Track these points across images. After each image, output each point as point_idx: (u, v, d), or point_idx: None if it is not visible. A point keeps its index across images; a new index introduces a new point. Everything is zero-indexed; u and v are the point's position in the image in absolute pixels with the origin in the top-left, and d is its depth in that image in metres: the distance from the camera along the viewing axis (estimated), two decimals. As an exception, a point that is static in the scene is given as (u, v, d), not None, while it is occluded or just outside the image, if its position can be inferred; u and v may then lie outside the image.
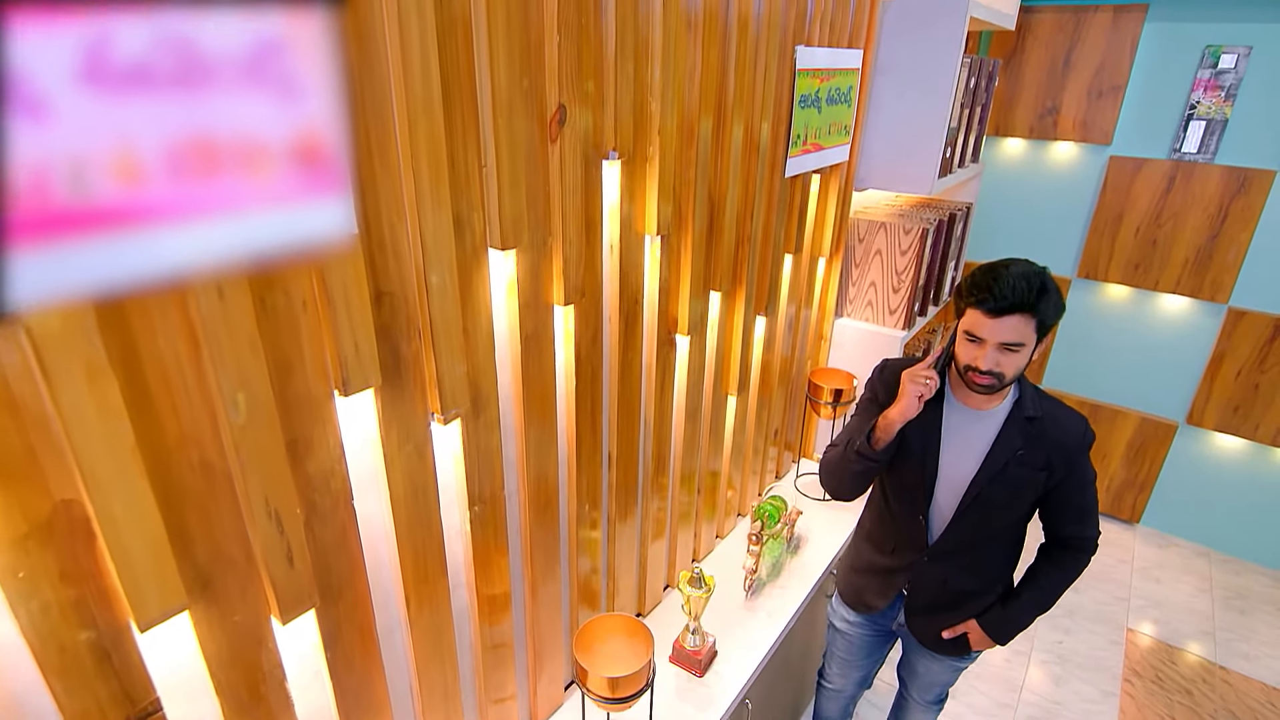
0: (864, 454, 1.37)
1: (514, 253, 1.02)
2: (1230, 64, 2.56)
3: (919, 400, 1.29)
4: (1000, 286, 1.16)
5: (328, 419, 0.84)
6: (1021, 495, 1.34)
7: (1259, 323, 2.76)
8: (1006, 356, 1.20)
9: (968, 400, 1.35)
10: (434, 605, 1.08)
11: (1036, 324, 1.17)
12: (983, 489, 1.33)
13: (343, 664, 0.96)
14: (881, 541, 1.55)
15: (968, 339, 1.23)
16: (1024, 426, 1.31)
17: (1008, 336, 1.17)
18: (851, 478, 1.43)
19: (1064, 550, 1.42)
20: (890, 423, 1.33)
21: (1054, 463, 1.30)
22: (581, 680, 1.27)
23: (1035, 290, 1.15)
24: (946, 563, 1.44)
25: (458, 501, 1.10)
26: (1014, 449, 1.31)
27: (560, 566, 1.38)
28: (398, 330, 0.89)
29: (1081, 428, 1.32)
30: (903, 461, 1.41)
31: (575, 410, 1.27)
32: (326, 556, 0.89)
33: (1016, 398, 1.33)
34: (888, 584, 1.55)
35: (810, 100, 1.64)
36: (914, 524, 1.44)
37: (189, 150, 0.64)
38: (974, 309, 1.20)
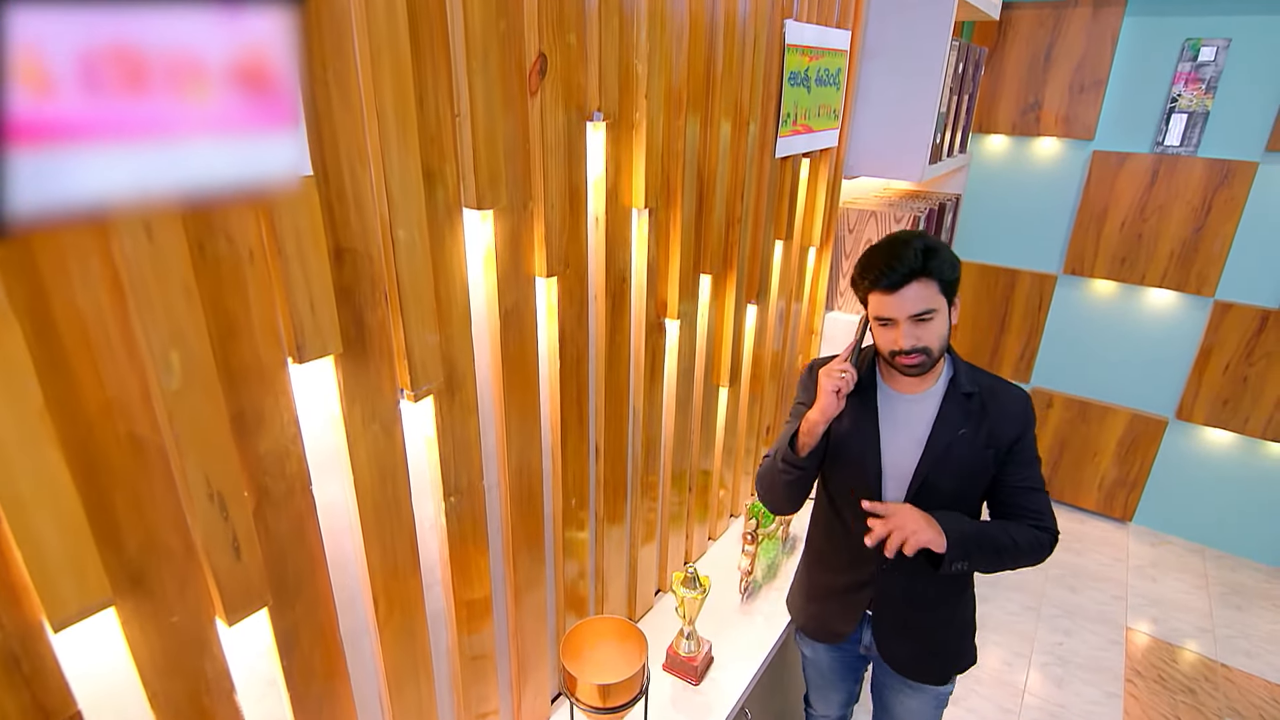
0: (790, 462, 1.27)
1: (491, 215, 0.94)
2: (1210, 56, 2.57)
3: (837, 395, 1.21)
4: (887, 259, 1.13)
5: (280, 390, 0.74)
6: (972, 479, 1.25)
7: (1245, 315, 2.75)
8: (923, 328, 1.14)
9: (899, 385, 1.27)
10: (406, 607, 0.98)
11: (939, 286, 1.13)
12: (929, 474, 1.24)
13: (301, 673, 0.86)
14: (834, 558, 1.42)
15: (880, 324, 1.18)
16: (963, 403, 1.24)
17: (915, 307, 1.13)
18: (784, 488, 1.32)
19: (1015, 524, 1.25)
20: (813, 425, 1.24)
21: (999, 437, 1.23)
22: (570, 689, 1.17)
23: (922, 252, 1.11)
24: (907, 568, 1.30)
25: (431, 491, 1.00)
26: (956, 428, 1.23)
27: (545, 567, 1.28)
28: (361, 293, 0.80)
29: (1024, 401, 1.25)
30: (844, 463, 1.31)
31: (560, 395, 1.18)
32: (281, 549, 0.79)
33: (951, 375, 1.26)
34: (850, 604, 1.41)
35: (800, 79, 1.59)
36: (865, 529, 1.27)
37: (109, 61, 0.55)
38: (873, 292, 1.16)
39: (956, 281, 1.16)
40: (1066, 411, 3.24)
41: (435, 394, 0.93)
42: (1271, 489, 2.90)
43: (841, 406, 1.23)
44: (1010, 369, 3.35)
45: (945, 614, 1.37)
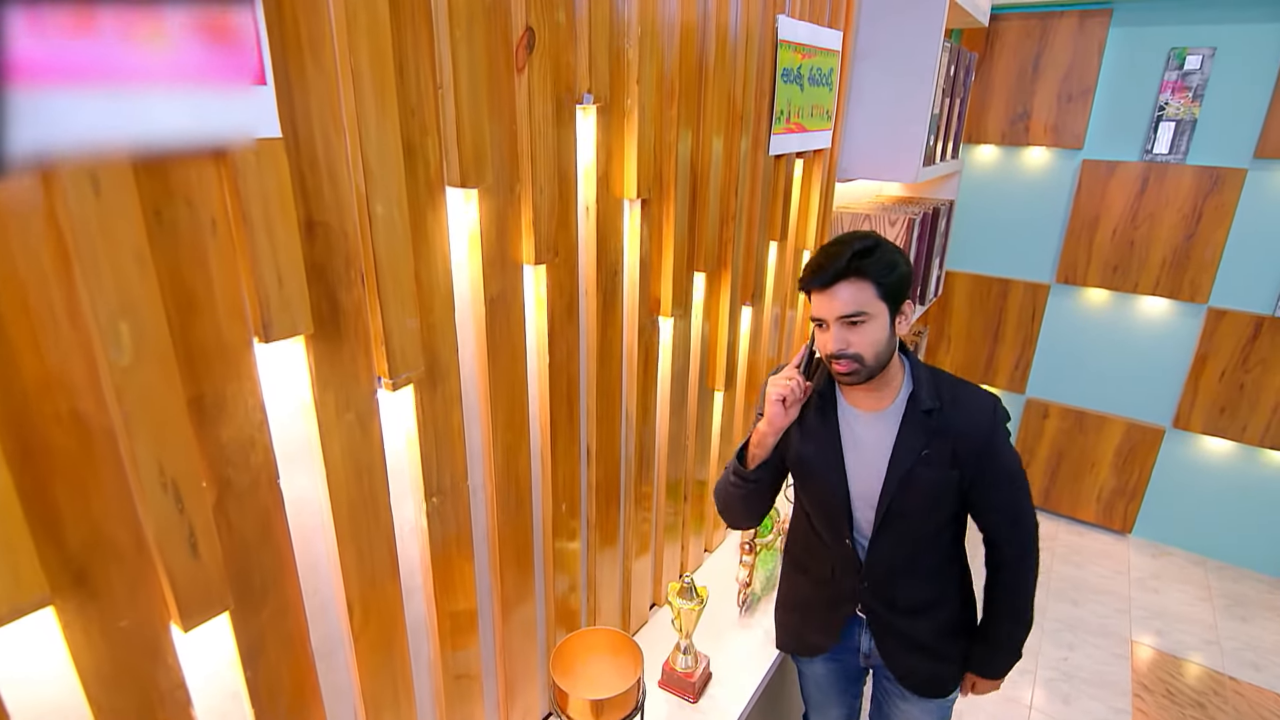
0: (740, 475, 1.22)
1: (476, 196, 0.89)
2: (1196, 65, 2.59)
3: (783, 405, 1.15)
4: (820, 258, 1.08)
5: (245, 373, 0.68)
6: (939, 501, 1.18)
7: (1239, 322, 2.74)
8: (854, 332, 1.07)
9: (859, 403, 1.21)
10: (384, 616, 0.91)
11: (875, 289, 1.06)
12: (894, 499, 1.18)
13: (267, 686, 0.79)
14: (818, 569, 1.35)
15: (818, 326, 1.13)
16: (923, 422, 1.16)
17: (844, 307, 1.06)
18: (739, 502, 1.27)
19: (1002, 560, 1.25)
20: (761, 436, 1.18)
21: (963, 457, 1.15)
22: (560, 707, 1.10)
23: (856, 252, 1.05)
24: (889, 582, 1.27)
25: (412, 490, 0.94)
26: (916, 449, 1.15)
27: (534, 577, 1.21)
28: (335, 271, 0.75)
29: (989, 408, 1.16)
30: (812, 484, 1.26)
31: (549, 393, 1.12)
32: (245, 548, 0.73)
33: (911, 390, 1.18)
34: (833, 615, 1.35)
35: (792, 76, 1.57)
36: (843, 547, 1.27)
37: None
38: (811, 291, 1.11)
39: (900, 286, 1.09)
40: (1063, 422, 3.21)
41: (416, 384, 0.87)
42: (1271, 497, 2.87)
43: (791, 418, 1.17)
44: (1005, 380, 3.33)
45: (941, 616, 1.31)
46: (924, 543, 1.24)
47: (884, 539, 1.23)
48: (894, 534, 1.22)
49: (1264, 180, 2.60)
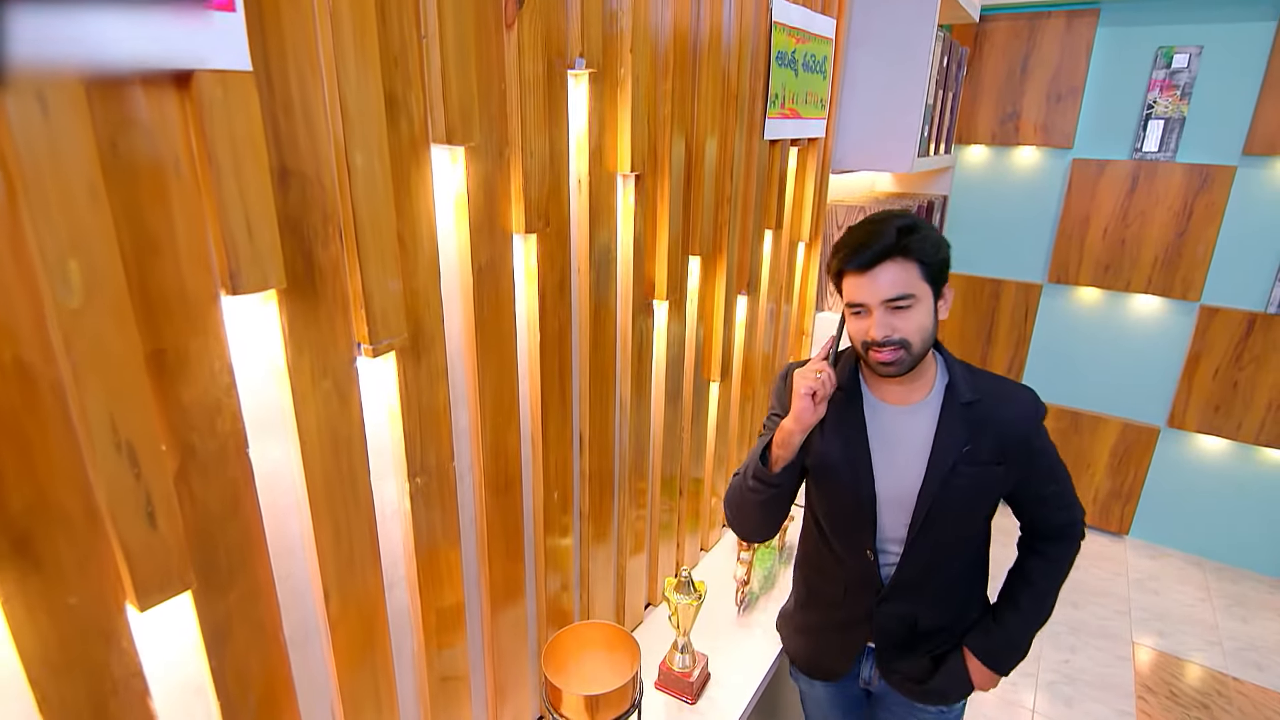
0: (761, 479, 1.10)
1: (462, 157, 0.85)
2: (1183, 63, 2.60)
3: (812, 400, 1.05)
4: (859, 236, 1.01)
5: (210, 329, 0.63)
6: (981, 499, 1.10)
7: (1232, 319, 2.74)
8: (899, 317, 1.00)
9: (888, 395, 1.11)
10: (363, 604, 0.86)
11: (920, 269, 0.99)
12: (934, 502, 1.08)
13: (235, 677, 0.72)
14: (828, 588, 1.25)
15: (853, 313, 1.05)
16: (964, 415, 1.07)
17: (889, 290, 0.99)
18: (757, 510, 1.15)
19: (1048, 541, 1.19)
20: (788, 435, 1.07)
21: (1009, 450, 1.08)
22: (554, 704, 1.04)
23: (899, 229, 0.98)
24: (910, 600, 1.17)
25: (394, 468, 0.89)
26: (959, 445, 1.06)
27: (525, 569, 1.16)
28: (311, 226, 0.70)
29: (1030, 399, 1.10)
30: (832, 488, 1.15)
31: (541, 372, 1.07)
32: (209, 522, 0.67)
33: (947, 381, 1.10)
34: (847, 640, 1.26)
35: (787, 60, 1.54)
36: (862, 560, 1.16)
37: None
38: (846, 274, 1.03)
39: (943, 267, 1.02)
40: (1058, 423, 3.19)
41: (398, 353, 0.82)
42: (1267, 496, 2.85)
43: (820, 414, 1.06)
44: (999, 381, 3.30)
45: (959, 630, 1.23)
46: (957, 550, 1.15)
47: (919, 548, 1.12)
48: (931, 540, 1.11)
49: (1253, 177, 2.61)
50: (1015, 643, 1.20)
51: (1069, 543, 1.19)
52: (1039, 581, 1.19)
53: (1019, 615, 1.19)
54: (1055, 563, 1.19)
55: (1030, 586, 1.19)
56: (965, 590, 1.22)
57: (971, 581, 1.23)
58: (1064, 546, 1.19)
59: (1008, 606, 1.20)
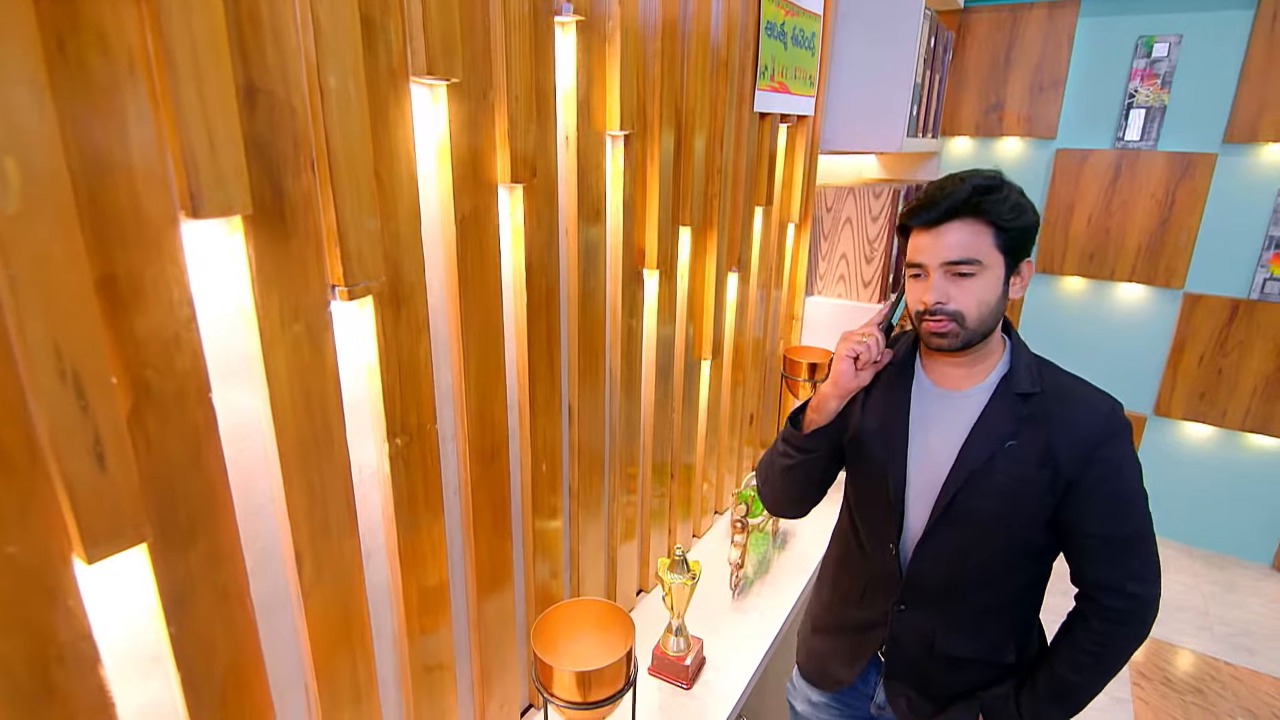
0: (790, 441, 1.02)
1: (444, 96, 0.81)
2: (1163, 52, 2.63)
3: (853, 365, 0.96)
4: (932, 189, 0.91)
5: (168, 255, 0.58)
6: (1019, 508, 0.95)
7: (1215, 306, 2.76)
8: (958, 285, 0.89)
9: (941, 377, 1.01)
10: (339, 572, 0.80)
11: (994, 234, 0.88)
12: (959, 493, 0.95)
13: (197, 645, 0.67)
14: (849, 586, 1.15)
15: (912, 275, 0.95)
16: (1015, 406, 0.94)
17: (953, 252, 0.88)
18: (781, 475, 1.06)
19: (1097, 609, 0.95)
20: (823, 399, 1.00)
21: (1060, 457, 0.91)
22: (543, 683, 0.99)
23: (978, 188, 0.87)
24: (928, 611, 1.04)
25: (373, 427, 0.83)
26: (1001, 437, 0.94)
27: (513, 545, 1.10)
28: (280, 152, 0.65)
29: (1105, 409, 0.93)
30: (863, 467, 1.06)
31: (528, 335, 1.03)
32: (167, 469, 0.61)
33: (1006, 369, 0.98)
34: (859, 645, 1.13)
35: (776, 31, 1.52)
36: (885, 554, 1.06)
37: None
38: (912, 231, 0.94)
39: (1023, 236, 0.90)
40: (1045, 413, 3.19)
41: (376, 300, 0.77)
42: (1253, 483, 2.86)
43: (861, 382, 0.98)
44: (986, 373, 3.30)
45: (977, 681, 1.05)
46: (988, 568, 0.99)
47: (934, 545, 1.00)
48: (951, 538, 0.98)
49: (1234, 165, 2.63)
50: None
51: (1114, 623, 0.94)
52: (1063, 670, 0.98)
53: (1035, 700, 1.00)
54: (1091, 649, 0.95)
55: (1052, 670, 0.99)
56: (997, 627, 1.04)
57: (1008, 622, 1.04)
58: (1105, 623, 0.94)
59: (1030, 683, 1.02)
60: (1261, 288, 2.66)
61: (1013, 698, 1.03)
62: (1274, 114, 2.51)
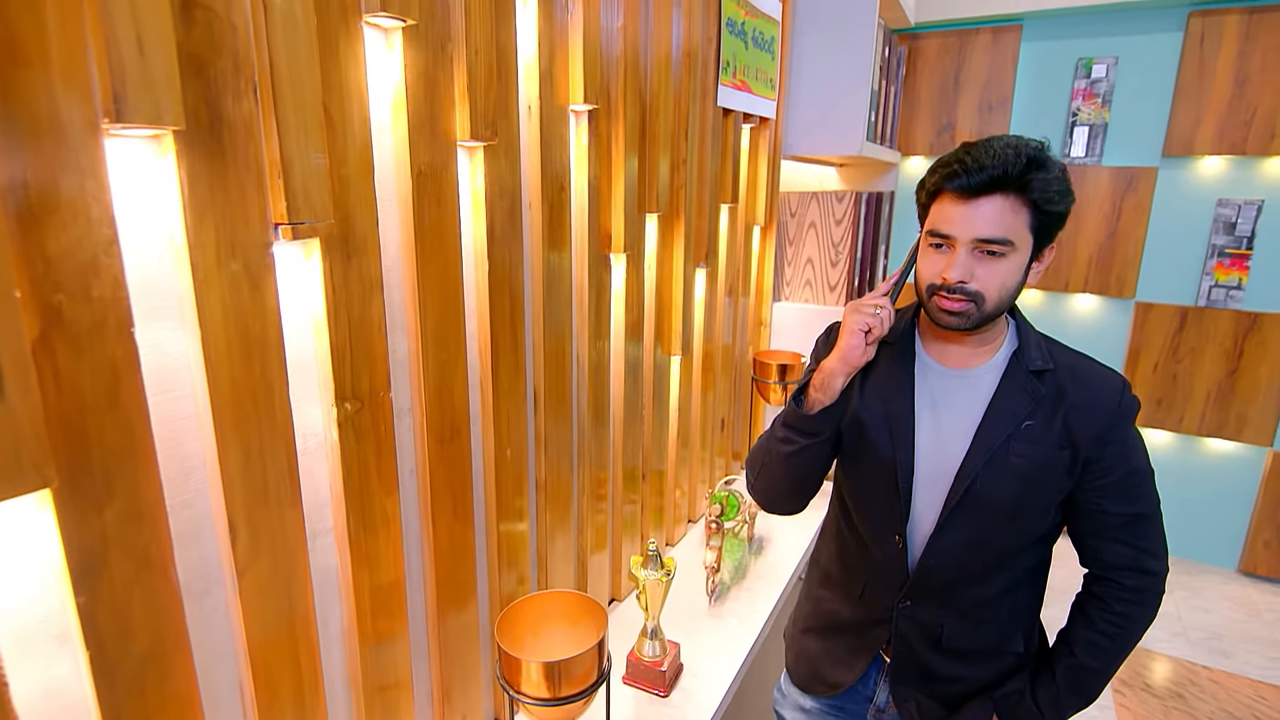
0: (794, 424, 0.95)
1: (399, 41, 0.78)
2: (1102, 73, 2.77)
3: (864, 337, 0.90)
4: (977, 153, 0.82)
5: (88, 166, 0.53)
6: (1036, 491, 0.91)
7: (1165, 314, 2.85)
8: (985, 265, 0.84)
9: (944, 356, 0.96)
10: (280, 549, 0.73)
11: (1032, 215, 0.82)
12: (976, 479, 0.90)
13: (111, 621, 0.59)
14: (845, 583, 1.08)
15: (933, 244, 0.87)
16: (1030, 385, 0.90)
17: (987, 229, 0.81)
18: (783, 464, 0.98)
19: (1116, 590, 0.93)
20: (829, 376, 0.92)
21: (1078, 436, 0.88)
22: (508, 680, 0.91)
23: (1032, 160, 0.80)
24: (938, 605, 0.98)
25: (320, 389, 0.77)
26: (1017, 417, 0.90)
27: (475, 535, 1.03)
28: (220, 73, 0.60)
29: (1117, 386, 0.91)
30: (865, 456, 0.99)
31: (490, 309, 0.98)
32: (80, 413, 0.55)
33: (1015, 346, 0.94)
34: (858, 646, 1.06)
35: (737, 29, 1.54)
36: (888, 548, 0.99)
37: None
38: (940, 195, 0.86)
39: (1058, 224, 0.85)
40: (1010, 426, 3.22)
41: (325, 247, 0.72)
42: (1213, 488, 2.91)
43: (869, 356, 0.91)
44: (952, 387, 3.34)
45: (989, 674, 1.01)
46: (1001, 554, 0.95)
47: (949, 536, 0.94)
48: (967, 527, 0.92)
49: (1174, 178, 2.75)
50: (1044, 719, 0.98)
51: (1131, 603, 0.92)
52: (1083, 656, 0.94)
53: (1054, 691, 0.96)
54: (1109, 629, 0.93)
55: (1071, 657, 0.95)
56: (1006, 615, 1.00)
57: (1016, 607, 1.00)
58: (1123, 604, 0.92)
59: (1046, 675, 0.98)
60: (1208, 295, 2.76)
61: (1029, 693, 0.98)
62: (1208, 129, 2.65)
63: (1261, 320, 2.71)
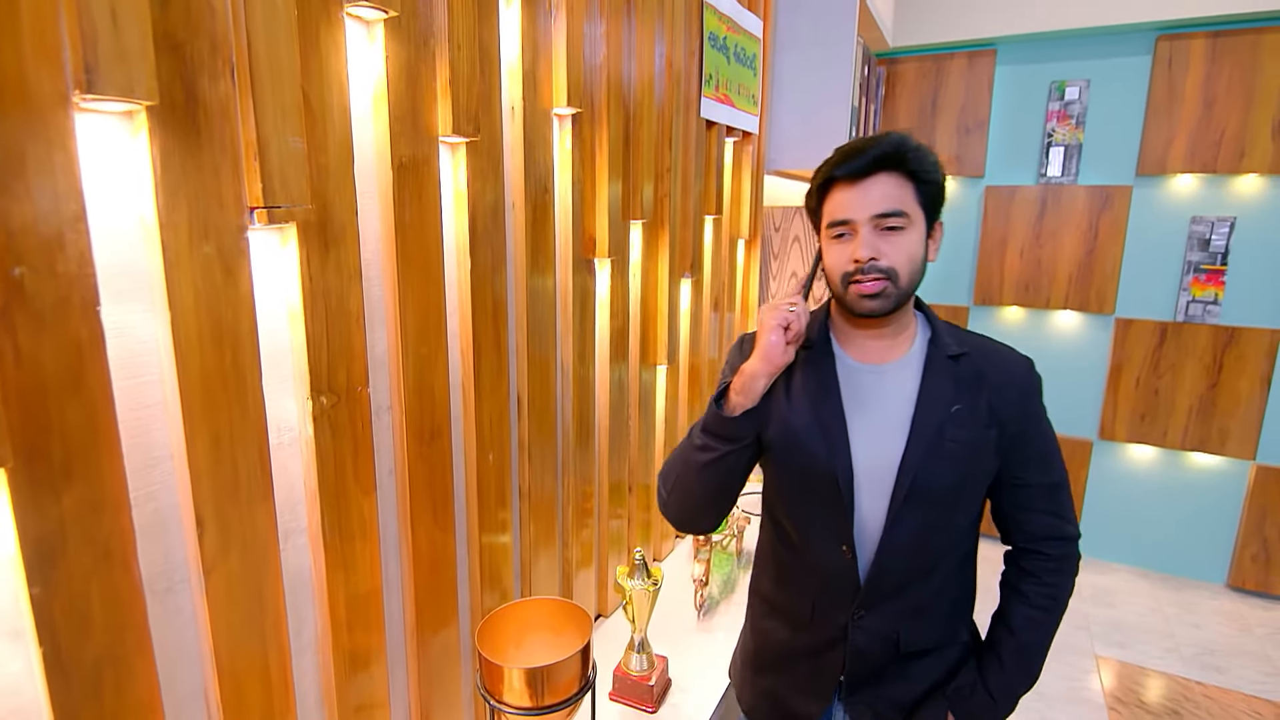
0: (715, 430, 0.91)
1: (381, 33, 0.78)
2: (1075, 95, 2.84)
3: (783, 334, 0.88)
4: (855, 144, 0.87)
5: (56, 138, 0.52)
6: (973, 473, 0.92)
7: (1145, 329, 2.88)
8: (889, 240, 0.86)
9: (863, 354, 0.96)
10: (251, 547, 0.70)
11: (916, 189, 0.86)
12: (919, 472, 0.90)
13: (67, 617, 0.56)
14: (793, 609, 1.03)
15: (835, 236, 0.88)
16: (951, 370, 0.92)
17: (882, 203, 0.85)
18: (700, 474, 0.93)
19: (1036, 565, 0.96)
20: (751, 379, 0.90)
21: (1001, 413, 0.91)
22: (490, 688, 0.87)
23: (898, 142, 0.85)
24: (893, 610, 0.95)
25: (295, 381, 0.75)
26: (946, 403, 0.91)
27: (456, 541, 1.01)
28: (196, 53, 0.60)
29: (1024, 362, 0.95)
30: (800, 462, 0.95)
31: (472, 307, 0.97)
32: (40, 392, 0.53)
33: (929, 335, 0.96)
34: (818, 672, 1.01)
35: (719, 44, 1.57)
36: (836, 560, 0.95)
37: None
38: (832, 188, 0.89)
39: (940, 195, 0.89)
40: (997, 443, 3.23)
41: (301, 233, 0.71)
42: (1198, 502, 2.92)
43: (789, 357, 0.90)
44: (938, 405, 3.35)
45: (939, 667, 1.00)
46: (945, 545, 0.95)
47: (899, 533, 0.92)
48: (914, 526, 0.91)
49: (1148, 195, 2.81)
50: (998, 707, 0.97)
51: (1059, 572, 0.95)
52: (1024, 634, 0.96)
53: (1003, 675, 0.96)
54: (1044, 603, 0.95)
55: (1014, 637, 0.96)
56: (949, 607, 1.00)
57: (956, 597, 1.00)
58: (1052, 574, 0.95)
59: (992, 662, 0.98)
60: (1186, 310, 2.81)
61: (979, 682, 0.98)
62: (1179, 148, 2.72)
63: (1239, 334, 2.75)
